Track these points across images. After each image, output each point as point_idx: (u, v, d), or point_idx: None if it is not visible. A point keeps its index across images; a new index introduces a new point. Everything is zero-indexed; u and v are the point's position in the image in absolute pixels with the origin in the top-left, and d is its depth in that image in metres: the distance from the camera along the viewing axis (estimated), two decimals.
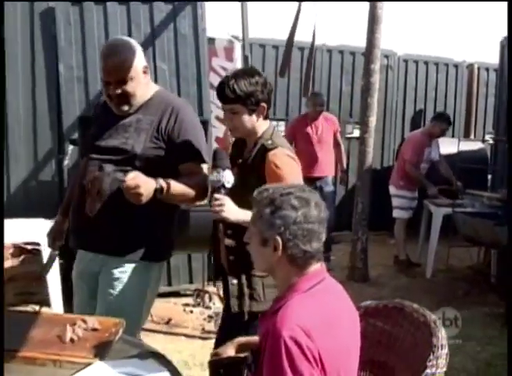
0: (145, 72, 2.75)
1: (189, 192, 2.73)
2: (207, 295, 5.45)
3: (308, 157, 6.84)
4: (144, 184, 2.49)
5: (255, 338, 2.41)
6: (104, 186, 2.70)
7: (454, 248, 6.39)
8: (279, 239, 1.84)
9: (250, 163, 2.73)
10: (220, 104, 2.76)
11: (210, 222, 2.79)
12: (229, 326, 2.83)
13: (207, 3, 5.82)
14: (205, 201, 2.84)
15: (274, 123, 8.23)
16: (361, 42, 7.25)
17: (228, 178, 2.56)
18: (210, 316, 5.03)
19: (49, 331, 2.23)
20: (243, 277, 2.70)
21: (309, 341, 1.71)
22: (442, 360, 1.97)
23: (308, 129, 6.94)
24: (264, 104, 2.71)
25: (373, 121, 6.28)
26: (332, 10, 8.92)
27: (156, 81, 5.43)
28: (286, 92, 8.43)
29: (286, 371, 1.69)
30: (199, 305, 5.36)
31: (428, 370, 1.93)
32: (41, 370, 2.03)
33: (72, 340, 2.16)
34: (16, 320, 2.31)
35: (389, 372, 2.26)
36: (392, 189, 6.99)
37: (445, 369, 1.96)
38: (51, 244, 2.97)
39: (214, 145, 7.61)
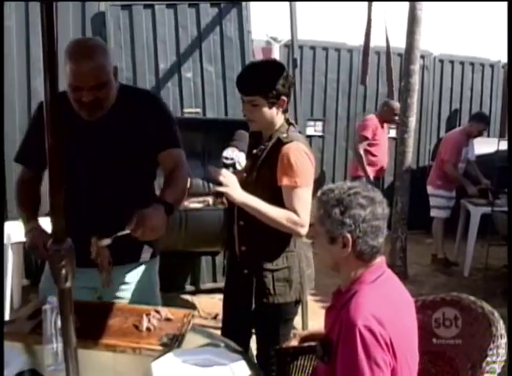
0: (115, 74, 2.54)
1: (184, 192, 2.60)
2: None
3: (380, 159, 7.02)
4: (154, 218, 2.29)
5: (317, 330, 2.53)
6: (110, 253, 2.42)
7: (492, 247, 6.39)
8: (349, 236, 1.94)
9: (265, 155, 2.70)
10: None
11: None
12: (237, 317, 2.91)
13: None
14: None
15: (311, 123, 8.46)
16: (396, 43, 7.32)
17: (241, 159, 2.56)
18: None
19: (125, 321, 2.35)
20: (253, 269, 2.75)
21: (381, 328, 1.81)
22: (502, 350, 2.04)
23: (382, 131, 7.11)
24: (284, 97, 2.67)
25: (412, 121, 6.35)
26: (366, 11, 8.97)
27: (202, 82, 5.62)
28: (323, 93, 8.52)
29: (361, 358, 1.79)
30: None
31: (489, 359, 2.01)
32: (121, 356, 2.15)
33: (148, 329, 2.28)
34: (92, 311, 2.43)
35: (449, 362, 2.34)
36: (430, 189, 7.06)
37: (505, 357, 2.03)
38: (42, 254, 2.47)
39: None
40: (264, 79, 2.65)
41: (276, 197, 2.64)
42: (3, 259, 2.41)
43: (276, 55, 7.99)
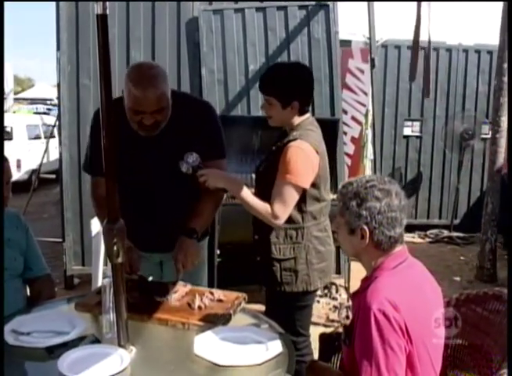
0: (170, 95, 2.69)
1: (210, 219, 2.97)
2: (334, 287, 5.71)
3: None
4: (192, 254, 2.68)
5: None
6: None
7: None
8: (366, 228, 2.03)
9: (275, 151, 2.85)
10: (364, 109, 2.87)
11: None
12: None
13: (343, 7, 6.06)
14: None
15: (409, 123, 8.44)
16: (487, 40, 7.18)
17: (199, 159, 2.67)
18: (335, 307, 5.28)
19: (180, 299, 2.56)
20: (263, 258, 2.93)
21: (396, 313, 1.90)
22: None
23: None
24: (296, 102, 2.78)
25: (504, 120, 6.23)
26: (467, 9, 8.79)
27: None
28: (421, 92, 8.41)
29: (376, 340, 1.89)
30: (326, 295, 5.62)
31: None
32: (171, 330, 2.36)
33: (200, 307, 2.47)
34: (151, 289, 2.65)
35: (484, 355, 2.37)
36: None
37: None
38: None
39: (350, 145, 7.81)
40: (278, 82, 2.80)
41: None
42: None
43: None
